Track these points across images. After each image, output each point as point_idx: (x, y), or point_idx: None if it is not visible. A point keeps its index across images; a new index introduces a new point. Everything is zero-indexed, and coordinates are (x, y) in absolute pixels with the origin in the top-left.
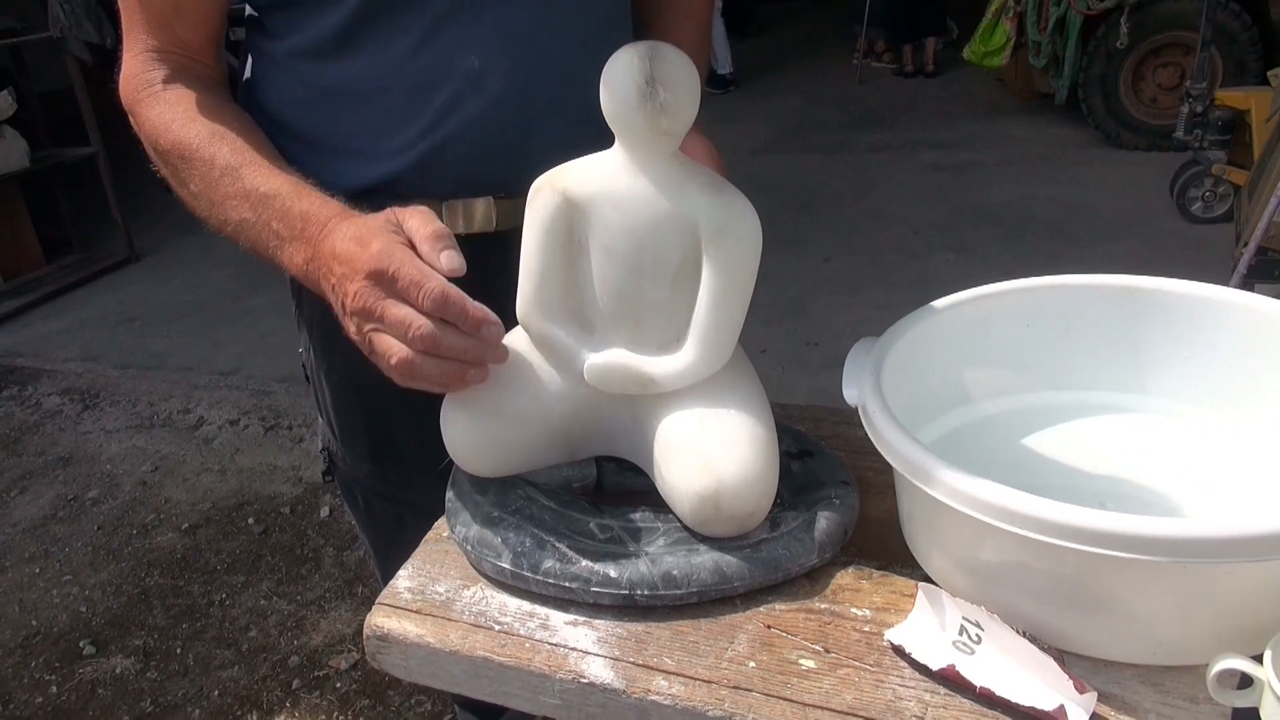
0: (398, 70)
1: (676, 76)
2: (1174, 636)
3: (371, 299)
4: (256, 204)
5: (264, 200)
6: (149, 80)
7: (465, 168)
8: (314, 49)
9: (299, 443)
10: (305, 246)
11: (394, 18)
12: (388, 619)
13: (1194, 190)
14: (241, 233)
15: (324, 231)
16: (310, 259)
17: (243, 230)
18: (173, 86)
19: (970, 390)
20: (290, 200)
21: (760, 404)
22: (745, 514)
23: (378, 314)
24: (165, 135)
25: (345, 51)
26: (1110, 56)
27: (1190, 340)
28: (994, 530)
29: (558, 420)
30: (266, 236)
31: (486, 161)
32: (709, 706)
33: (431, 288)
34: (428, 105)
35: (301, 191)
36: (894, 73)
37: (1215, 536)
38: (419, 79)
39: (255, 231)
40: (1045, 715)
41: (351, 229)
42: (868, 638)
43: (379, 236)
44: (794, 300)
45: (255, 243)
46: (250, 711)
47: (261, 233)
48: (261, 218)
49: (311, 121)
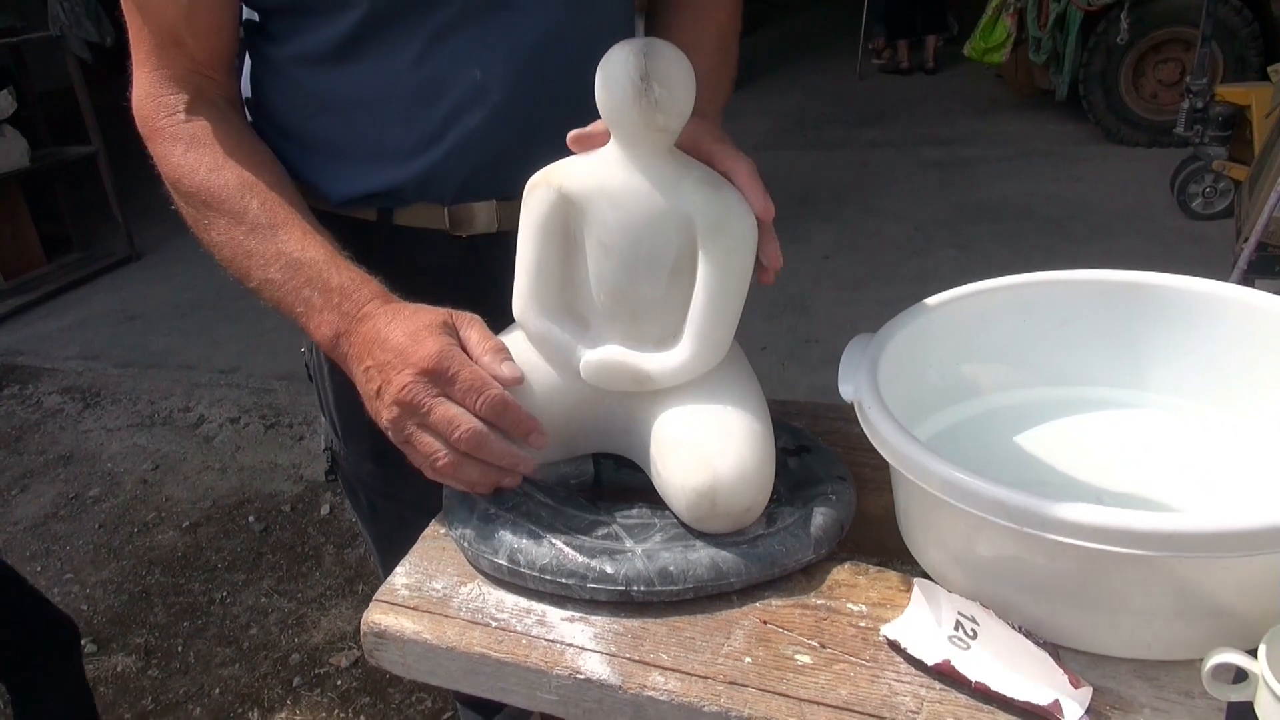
0: (400, 81)
1: (672, 72)
2: (1169, 631)
3: (422, 394)
4: (287, 268)
5: (296, 266)
6: (170, 106)
7: (467, 176)
8: (315, 56)
9: (299, 441)
10: (339, 320)
11: (396, 28)
12: (385, 616)
13: (1194, 186)
14: (265, 291)
15: (363, 312)
16: (343, 334)
17: (267, 289)
18: (196, 119)
19: (967, 386)
20: (326, 271)
21: (756, 400)
22: (741, 510)
23: (425, 409)
24: (190, 178)
25: (347, 60)
26: (1111, 52)
27: (1187, 335)
28: (990, 525)
29: (554, 417)
30: (294, 301)
31: (489, 169)
32: (705, 702)
33: (492, 394)
34: (430, 116)
35: (338, 263)
36: (885, 69)
37: (1211, 531)
38: (421, 90)
39: (282, 294)
40: (1040, 710)
41: (403, 321)
42: (864, 633)
43: (436, 336)
44: (794, 297)
45: (279, 303)
46: (251, 709)
47: (289, 297)
48: (292, 283)
49: (311, 127)
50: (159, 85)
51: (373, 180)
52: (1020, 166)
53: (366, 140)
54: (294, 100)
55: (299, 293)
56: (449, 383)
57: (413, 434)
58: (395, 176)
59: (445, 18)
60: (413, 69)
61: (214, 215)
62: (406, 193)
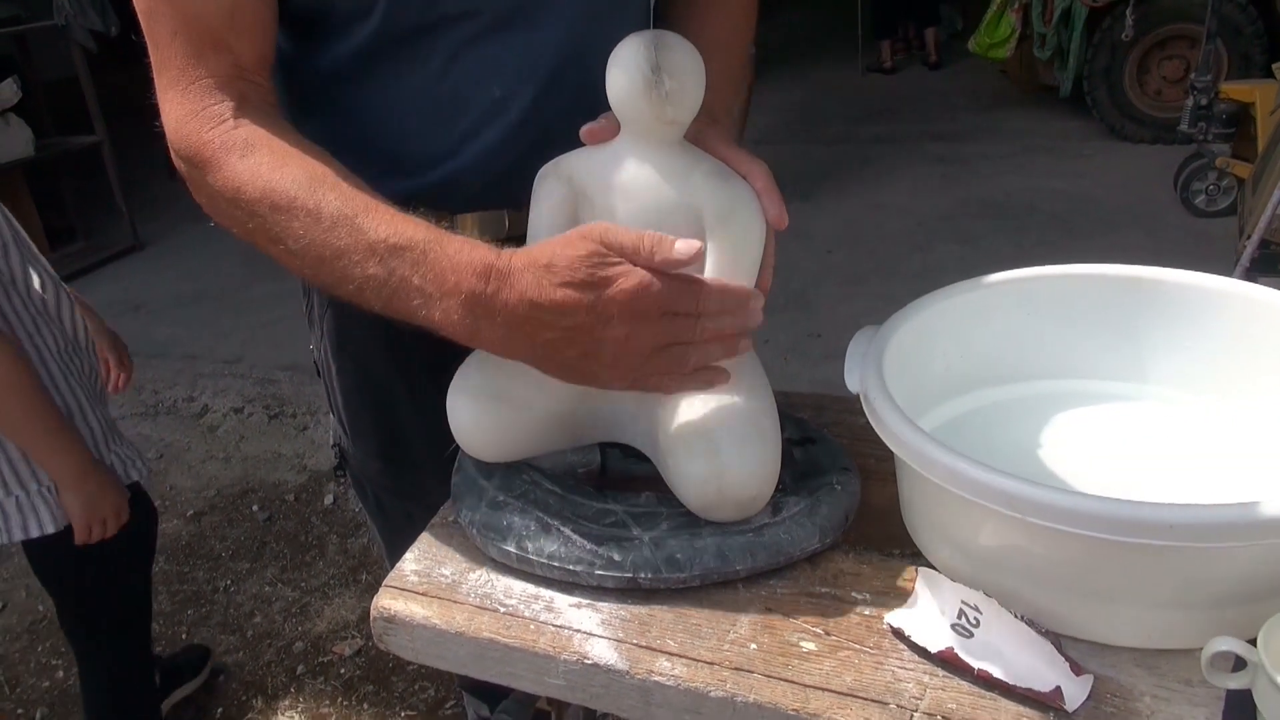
0: (418, 97)
1: (682, 65)
2: (1169, 620)
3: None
4: (386, 257)
5: (397, 252)
6: (216, 115)
7: (483, 188)
8: (333, 69)
9: (303, 430)
10: (468, 305)
11: (414, 44)
12: (394, 601)
13: (1198, 183)
14: (368, 291)
15: (493, 284)
16: (483, 317)
17: (369, 288)
18: (243, 122)
19: (971, 378)
20: (432, 250)
21: (763, 390)
22: (748, 499)
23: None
24: (253, 184)
25: (365, 74)
26: (1115, 49)
27: (1189, 329)
28: (993, 515)
29: (562, 406)
30: (407, 293)
31: (505, 181)
32: (711, 687)
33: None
34: (448, 132)
35: (440, 237)
36: (871, 69)
37: (1211, 521)
38: (440, 106)
39: (389, 290)
40: (1042, 697)
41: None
42: (868, 621)
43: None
44: (797, 291)
45: (390, 301)
46: (255, 696)
47: (396, 290)
48: (395, 273)
49: (326, 139)
50: (200, 98)
51: (384, 190)
52: (1024, 162)
53: (382, 153)
54: (310, 113)
55: (408, 283)
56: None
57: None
58: (409, 187)
59: (465, 34)
60: (432, 85)
61: (288, 220)
62: (421, 200)
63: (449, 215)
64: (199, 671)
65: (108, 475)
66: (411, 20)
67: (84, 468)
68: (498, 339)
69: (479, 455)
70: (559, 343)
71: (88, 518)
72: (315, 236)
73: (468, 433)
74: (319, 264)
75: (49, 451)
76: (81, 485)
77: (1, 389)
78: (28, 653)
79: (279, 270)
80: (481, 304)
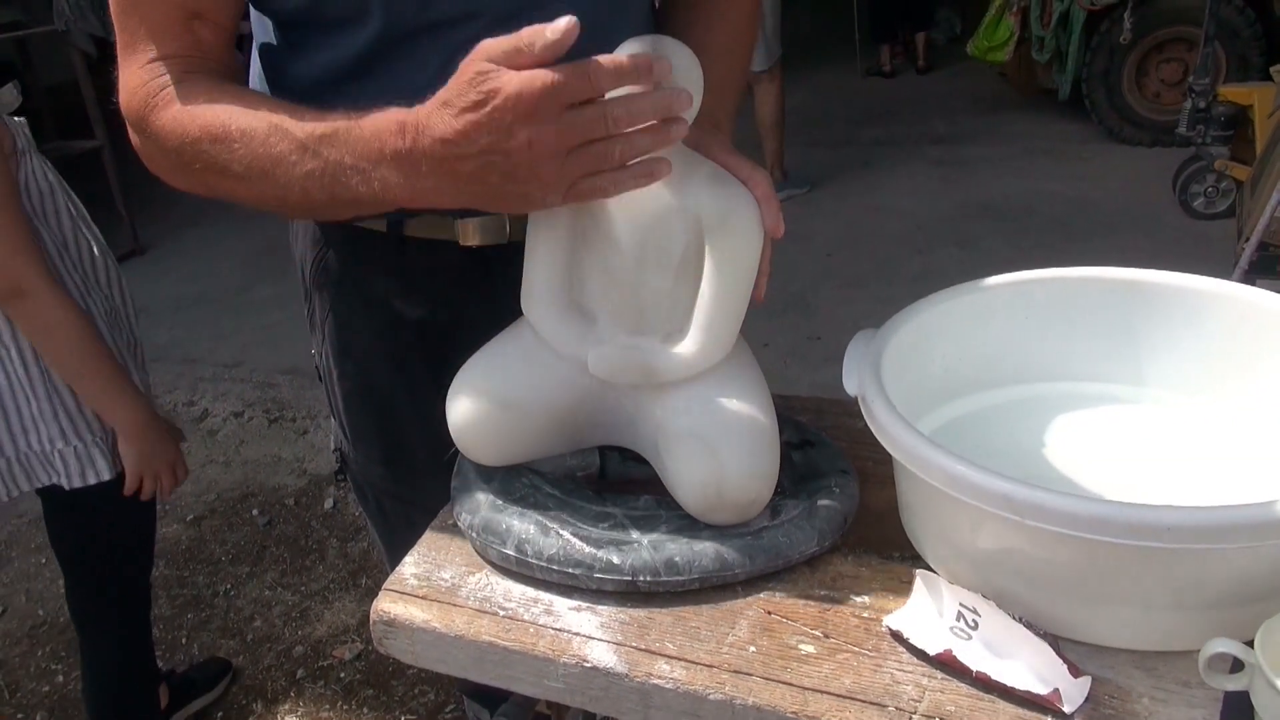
0: (416, 100)
1: (681, 70)
2: (1168, 622)
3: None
4: (317, 148)
5: (324, 140)
6: (159, 86)
7: None
8: (334, 73)
9: (303, 435)
10: (400, 164)
11: (414, 46)
12: (394, 604)
13: (1196, 186)
14: (312, 188)
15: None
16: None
17: (311, 184)
18: (184, 84)
19: (970, 381)
20: (359, 127)
21: (762, 394)
22: (747, 502)
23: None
24: (190, 124)
25: (364, 77)
26: (1114, 51)
27: (1188, 332)
28: (991, 517)
29: (561, 410)
30: (345, 175)
31: None
32: (710, 690)
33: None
34: None
35: (361, 117)
36: (870, 73)
37: (1208, 523)
38: None
39: (329, 177)
40: (1040, 699)
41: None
42: (866, 624)
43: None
44: (796, 294)
45: (333, 190)
46: (255, 701)
47: (336, 175)
48: (330, 159)
49: None
50: (153, 71)
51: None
52: (1023, 165)
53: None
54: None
55: (341, 165)
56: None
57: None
58: None
59: (464, 37)
60: (429, 88)
61: (226, 145)
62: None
63: (449, 220)
64: (215, 684)
65: (165, 429)
66: (409, 23)
67: (144, 419)
68: (432, 188)
69: (479, 459)
70: (480, 172)
71: (142, 469)
72: (254, 151)
73: (467, 436)
74: (264, 178)
75: (110, 400)
76: (142, 436)
77: (66, 335)
78: (27, 657)
79: (279, 274)
80: (407, 160)
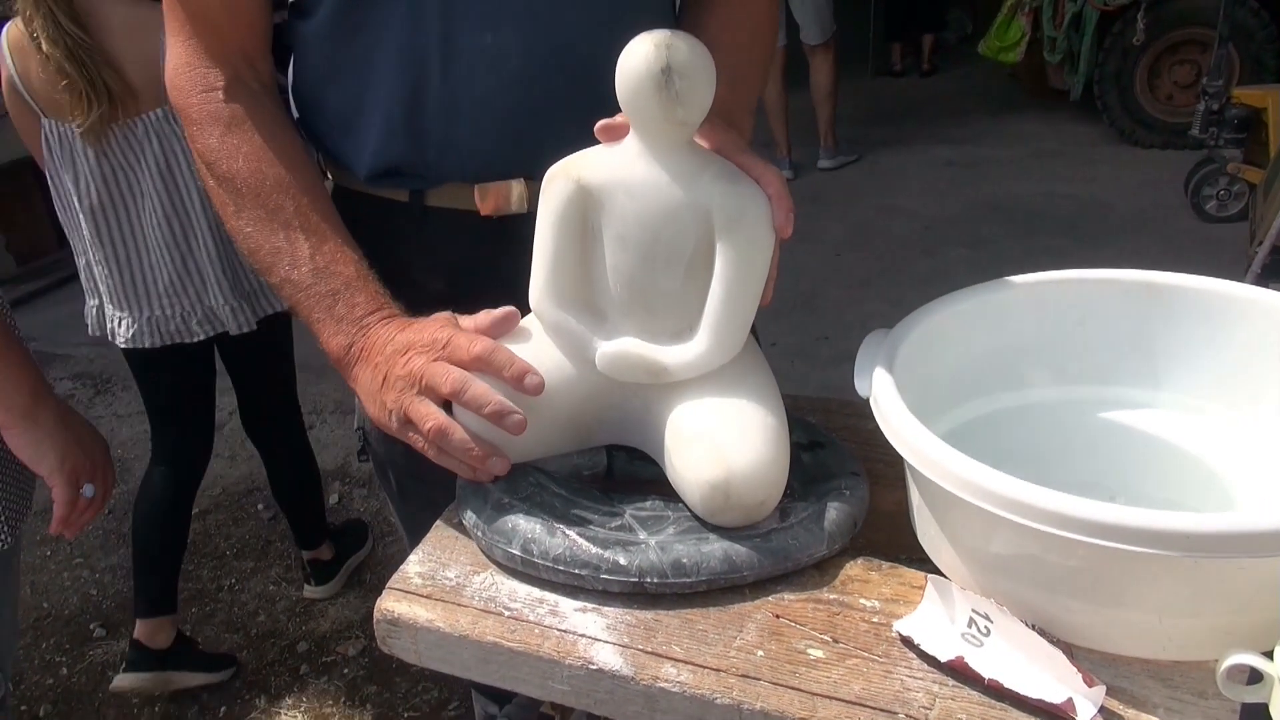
0: (409, 46)
1: (693, 65)
2: (1184, 631)
3: (418, 362)
4: (316, 274)
5: (325, 276)
6: (207, 81)
7: (486, 148)
8: (327, 21)
9: (308, 430)
10: (354, 333)
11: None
12: (398, 603)
13: (1209, 188)
14: (285, 290)
15: (375, 327)
16: (354, 345)
17: (288, 289)
18: (234, 102)
19: (983, 384)
20: (353, 286)
21: (771, 394)
22: (755, 504)
23: (418, 374)
24: (227, 164)
25: (355, 27)
26: (1126, 53)
27: (1205, 336)
28: (1004, 522)
29: (569, 408)
30: (314, 306)
31: (511, 142)
32: (717, 694)
33: (481, 341)
34: (443, 83)
35: (366, 283)
36: (879, 72)
37: (1228, 531)
38: (432, 56)
39: (304, 296)
40: (1054, 708)
41: (411, 328)
42: (876, 629)
43: (435, 321)
44: (805, 294)
45: (298, 305)
46: (258, 696)
47: (310, 301)
48: (316, 289)
49: (330, 97)
50: (196, 56)
51: (394, 151)
52: (1033, 166)
53: (381, 109)
54: (317, 72)
55: (321, 301)
56: (441, 347)
57: (409, 409)
58: (415, 148)
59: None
60: (422, 34)
61: (247, 205)
62: (426, 166)
63: (466, 186)
64: (219, 670)
65: None
66: None
67: None
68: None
69: None
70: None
71: None
72: (264, 230)
73: (474, 435)
74: (257, 250)
75: None
76: None
77: None
78: (31, 650)
79: None
80: (342, 365)
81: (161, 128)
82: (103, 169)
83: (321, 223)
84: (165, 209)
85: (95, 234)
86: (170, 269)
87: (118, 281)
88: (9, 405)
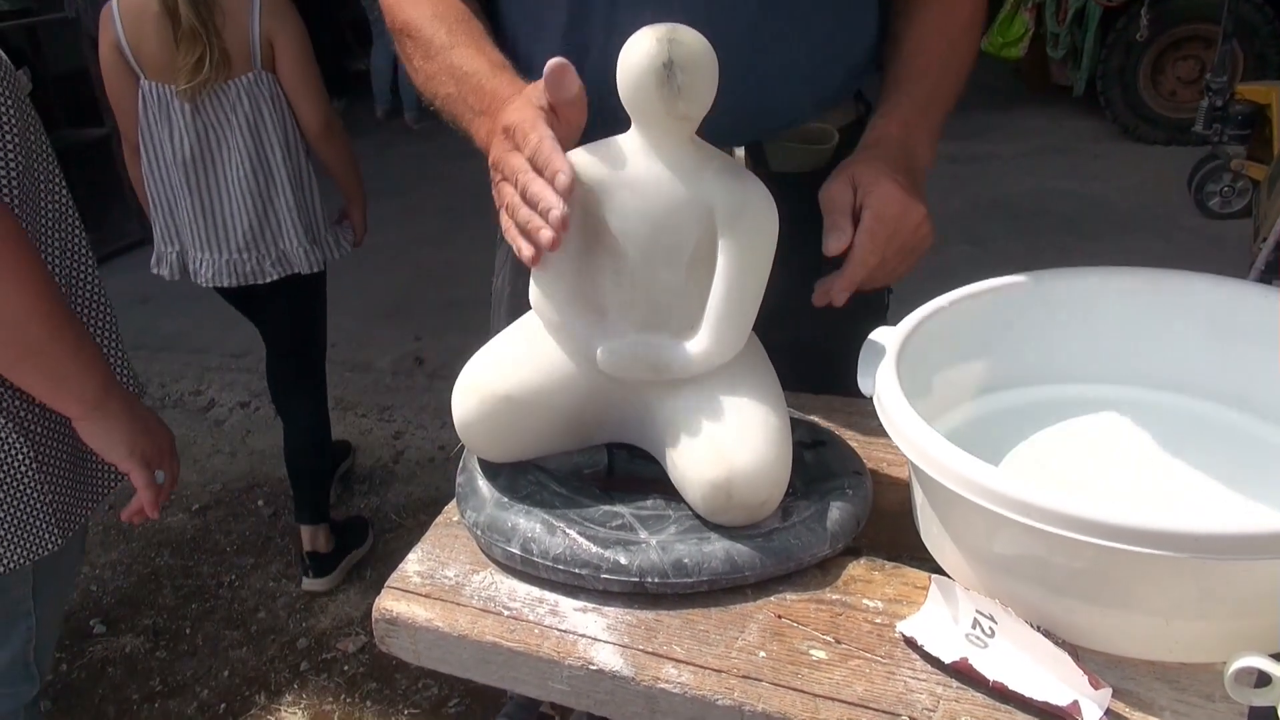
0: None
1: (695, 60)
2: (1191, 633)
3: (499, 151)
4: (459, 80)
5: (464, 78)
6: None
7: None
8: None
9: None
10: (489, 121)
11: None
12: (397, 602)
13: (1212, 185)
14: (446, 106)
15: (502, 108)
16: (490, 132)
17: (448, 104)
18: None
19: (986, 382)
20: (485, 79)
21: (774, 392)
22: (757, 503)
23: (500, 164)
24: (397, 14)
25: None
26: (1130, 49)
27: (1209, 334)
28: (1010, 523)
29: (569, 406)
30: (463, 110)
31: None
32: (718, 695)
33: (532, 138)
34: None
35: (496, 72)
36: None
37: (1236, 533)
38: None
39: (455, 105)
40: (1059, 711)
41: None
42: (879, 629)
43: (520, 101)
44: None
45: (456, 116)
46: (258, 692)
47: (459, 106)
48: (460, 92)
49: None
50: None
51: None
52: (1036, 163)
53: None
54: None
55: (465, 101)
56: (515, 135)
57: (497, 189)
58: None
59: None
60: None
61: (414, 45)
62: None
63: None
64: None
65: None
66: None
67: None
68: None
69: (484, 455)
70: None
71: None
72: (425, 62)
73: (473, 432)
74: (426, 80)
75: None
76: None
77: None
78: None
79: None
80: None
81: (252, 89)
82: (196, 125)
83: (463, 36)
84: (252, 161)
85: (185, 183)
86: (250, 215)
87: (201, 226)
88: (81, 397)
